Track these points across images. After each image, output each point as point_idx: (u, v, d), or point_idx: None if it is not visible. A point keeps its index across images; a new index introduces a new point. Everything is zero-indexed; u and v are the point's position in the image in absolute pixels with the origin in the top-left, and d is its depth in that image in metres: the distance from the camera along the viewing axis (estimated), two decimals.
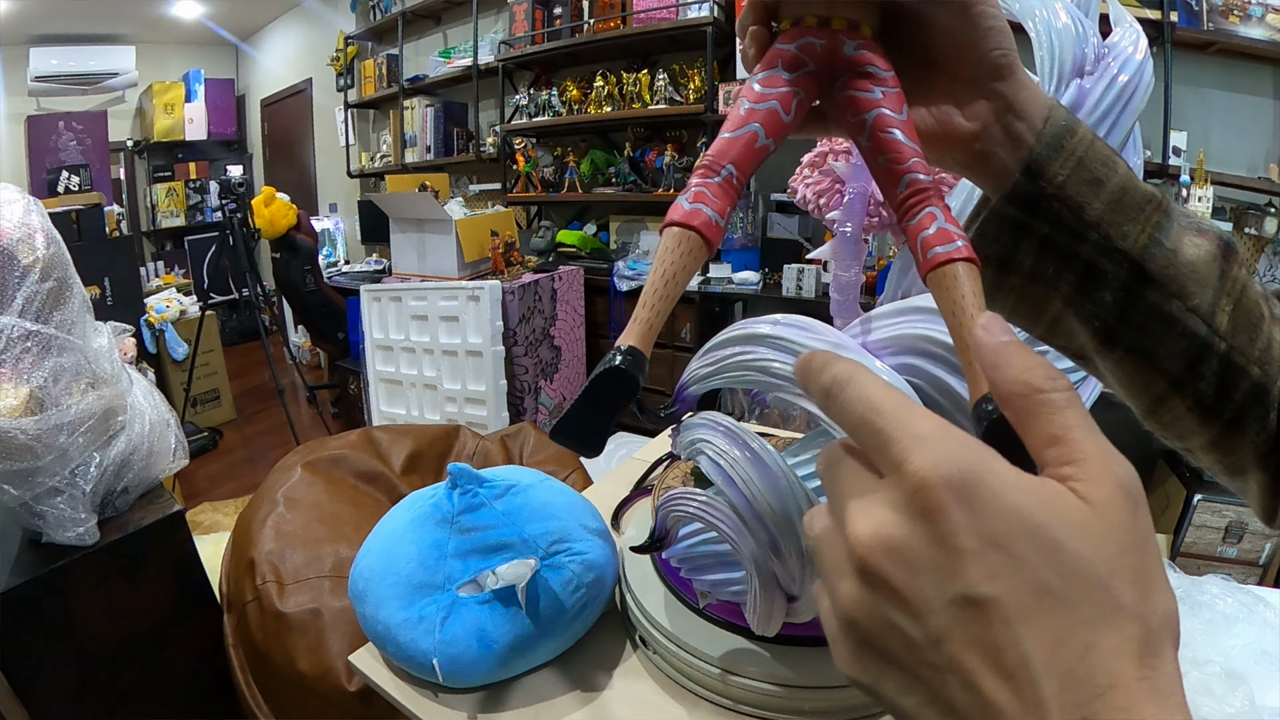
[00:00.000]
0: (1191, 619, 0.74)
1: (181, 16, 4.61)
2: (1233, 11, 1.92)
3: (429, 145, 3.75)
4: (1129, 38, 0.41)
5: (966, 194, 0.45)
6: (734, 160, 0.27)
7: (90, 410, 0.94)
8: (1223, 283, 0.31)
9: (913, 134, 0.28)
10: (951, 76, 0.29)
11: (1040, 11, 0.42)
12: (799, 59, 0.28)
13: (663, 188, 2.76)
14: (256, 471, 2.87)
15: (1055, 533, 0.16)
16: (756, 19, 0.30)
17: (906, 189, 0.27)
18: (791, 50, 0.28)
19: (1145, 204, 0.29)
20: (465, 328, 2.31)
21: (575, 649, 0.65)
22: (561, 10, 2.98)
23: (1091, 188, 0.28)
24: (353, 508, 1.23)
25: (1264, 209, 1.97)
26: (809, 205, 0.49)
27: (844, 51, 0.28)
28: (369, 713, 0.95)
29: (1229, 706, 0.62)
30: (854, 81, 0.28)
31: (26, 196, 0.98)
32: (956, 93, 0.29)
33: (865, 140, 0.28)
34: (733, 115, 0.28)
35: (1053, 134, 0.28)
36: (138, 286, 3.15)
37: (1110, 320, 0.29)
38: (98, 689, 1.04)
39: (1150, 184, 0.31)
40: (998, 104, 0.29)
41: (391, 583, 0.67)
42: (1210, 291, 0.30)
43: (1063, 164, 0.28)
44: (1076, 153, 0.28)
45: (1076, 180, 0.28)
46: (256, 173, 5.53)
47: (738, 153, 0.28)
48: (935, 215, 0.26)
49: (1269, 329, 0.31)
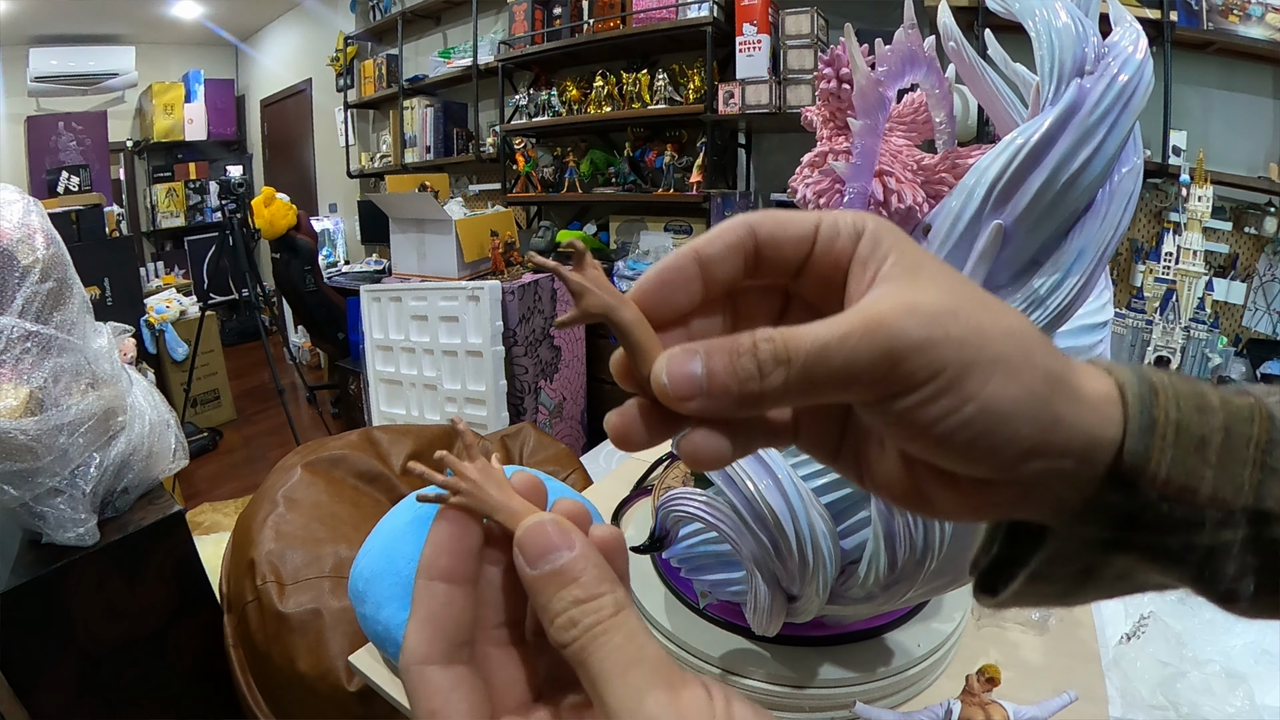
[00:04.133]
0: (1191, 619, 0.74)
1: (181, 17, 4.61)
2: (1233, 11, 1.92)
3: (429, 145, 3.75)
4: (1129, 37, 0.41)
5: (966, 194, 0.45)
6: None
7: (90, 411, 0.94)
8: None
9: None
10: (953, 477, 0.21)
11: (1040, 11, 0.42)
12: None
13: (662, 188, 2.75)
14: (256, 472, 2.86)
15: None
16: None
17: None
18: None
19: (1248, 424, 0.20)
20: (465, 328, 2.31)
21: None
22: (561, 10, 2.98)
23: (1199, 454, 0.20)
24: (353, 508, 1.23)
25: (1264, 208, 1.97)
26: (809, 205, 0.49)
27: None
28: (369, 713, 0.95)
29: (1229, 706, 0.62)
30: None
31: (26, 197, 0.98)
32: (967, 485, 0.21)
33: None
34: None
35: (1139, 417, 0.20)
36: (138, 287, 3.15)
37: (1230, 584, 0.21)
38: (98, 689, 1.04)
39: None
40: (1023, 484, 0.20)
41: (391, 583, 0.67)
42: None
43: (1161, 448, 0.20)
44: (1171, 416, 0.20)
45: (1181, 458, 0.20)
46: (256, 173, 5.52)
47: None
48: None
49: None
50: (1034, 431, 0.18)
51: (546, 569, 0.18)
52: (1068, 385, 0.19)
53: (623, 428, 0.20)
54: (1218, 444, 0.20)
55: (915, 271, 0.19)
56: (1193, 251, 1.87)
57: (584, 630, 0.17)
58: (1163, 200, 2.10)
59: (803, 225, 0.20)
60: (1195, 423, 0.20)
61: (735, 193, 2.67)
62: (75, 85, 4.63)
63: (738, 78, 2.44)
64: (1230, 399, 0.21)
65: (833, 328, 0.18)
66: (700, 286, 0.20)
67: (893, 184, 0.46)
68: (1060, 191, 0.42)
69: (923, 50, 0.47)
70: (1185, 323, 1.83)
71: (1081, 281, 0.45)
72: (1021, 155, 0.42)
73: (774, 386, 0.18)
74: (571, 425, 2.75)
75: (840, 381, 0.18)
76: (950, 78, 0.52)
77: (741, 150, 2.82)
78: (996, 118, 0.53)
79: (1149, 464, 0.19)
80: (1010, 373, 0.18)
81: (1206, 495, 0.20)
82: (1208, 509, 0.20)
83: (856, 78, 0.43)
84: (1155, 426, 0.20)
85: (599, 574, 0.19)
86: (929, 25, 0.53)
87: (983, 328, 0.18)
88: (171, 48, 5.06)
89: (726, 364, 0.18)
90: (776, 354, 0.18)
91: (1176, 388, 0.21)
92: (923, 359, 0.18)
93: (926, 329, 0.18)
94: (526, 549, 0.19)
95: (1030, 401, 0.18)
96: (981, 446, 0.18)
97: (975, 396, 0.18)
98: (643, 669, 0.17)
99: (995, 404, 0.18)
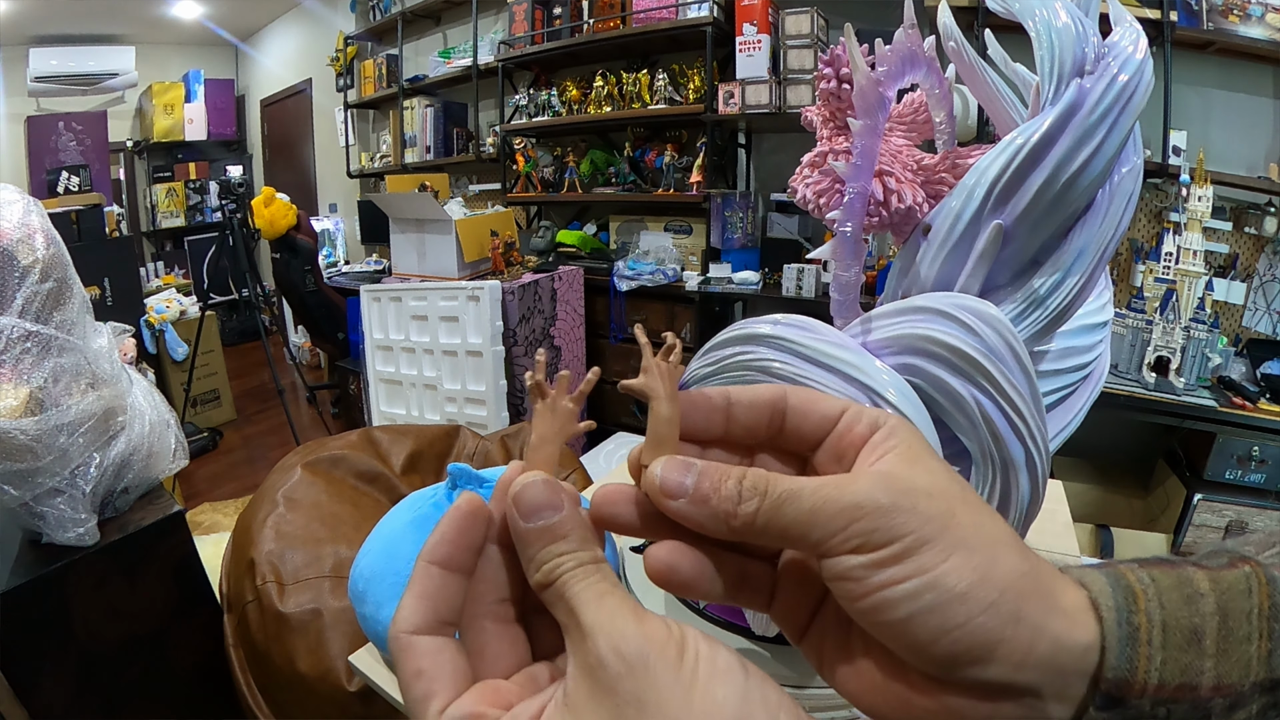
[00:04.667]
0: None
1: (181, 17, 4.61)
2: (1233, 11, 1.92)
3: (429, 145, 3.75)
4: (1129, 37, 0.41)
5: (966, 194, 0.45)
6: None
7: (90, 411, 0.94)
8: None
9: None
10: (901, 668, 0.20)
11: (1040, 11, 0.42)
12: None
13: (662, 187, 2.75)
14: (256, 472, 2.86)
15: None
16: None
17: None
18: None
19: (1246, 597, 0.19)
20: (465, 328, 2.31)
21: None
22: (561, 10, 2.98)
23: (1194, 648, 0.19)
24: (353, 508, 1.23)
25: (1264, 208, 1.97)
26: (809, 205, 0.49)
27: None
28: (369, 713, 0.95)
29: None
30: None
31: (26, 197, 0.98)
32: (917, 687, 0.20)
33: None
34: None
35: (1118, 629, 0.19)
36: (138, 287, 3.15)
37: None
38: (98, 689, 1.04)
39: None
40: (983, 690, 0.19)
41: (392, 583, 0.67)
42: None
43: (1149, 653, 0.19)
44: (1154, 618, 0.19)
45: (1175, 657, 0.19)
46: (256, 173, 5.53)
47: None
48: None
49: None
50: (990, 623, 0.18)
51: (539, 524, 0.20)
52: (1039, 588, 0.19)
53: (608, 501, 0.22)
54: (1213, 630, 0.19)
55: (913, 461, 0.20)
56: (1193, 251, 1.87)
57: (565, 572, 0.19)
58: (1163, 200, 2.10)
59: (830, 406, 0.22)
60: (1184, 616, 0.19)
61: (735, 193, 2.68)
62: (75, 85, 4.63)
63: (738, 78, 2.44)
64: (1220, 575, 0.20)
65: (813, 479, 0.20)
66: (722, 421, 0.23)
67: (893, 184, 0.46)
68: (1060, 191, 0.42)
69: (923, 50, 0.47)
70: (1185, 323, 1.83)
71: (1081, 281, 0.45)
72: (1021, 155, 0.42)
73: (746, 513, 0.20)
74: None
75: (804, 525, 0.19)
76: (950, 78, 0.52)
77: (741, 150, 2.82)
78: (996, 118, 0.53)
79: (1135, 675, 0.18)
80: (969, 556, 0.18)
81: (1209, 687, 0.19)
82: (1212, 700, 0.19)
83: (856, 78, 0.43)
84: (1138, 633, 0.19)
85: (583, 535, 0.20)
86: (929, 25, 0.53)
87: (954, 513, 0.19)
88: (171, 48, 5.06)
89: (713, 481, 0.20)
90: (756, 485, 0.20)
91: (1158, 582, 0.20)
92: (884, 521, 0.18)
93: (894, 497, 0.19)
94: (521, 504, 0.20)
95: (986, 589, 0.18)
96: (928, 625, 0.18)
97: (928, 570, 0.18)
98: (615, 598, 0.18)
99: (947, 580, 0.18)
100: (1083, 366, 0.53)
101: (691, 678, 0.17)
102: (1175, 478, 1.93)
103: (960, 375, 0.43)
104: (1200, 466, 1.82)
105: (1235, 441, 1.77)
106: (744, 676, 0.17)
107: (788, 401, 0.23)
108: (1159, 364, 1.84)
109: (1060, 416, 0.52)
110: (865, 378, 0.44)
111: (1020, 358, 0.43)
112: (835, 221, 0.47)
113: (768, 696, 0.17)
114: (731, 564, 0.22)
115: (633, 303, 2.72)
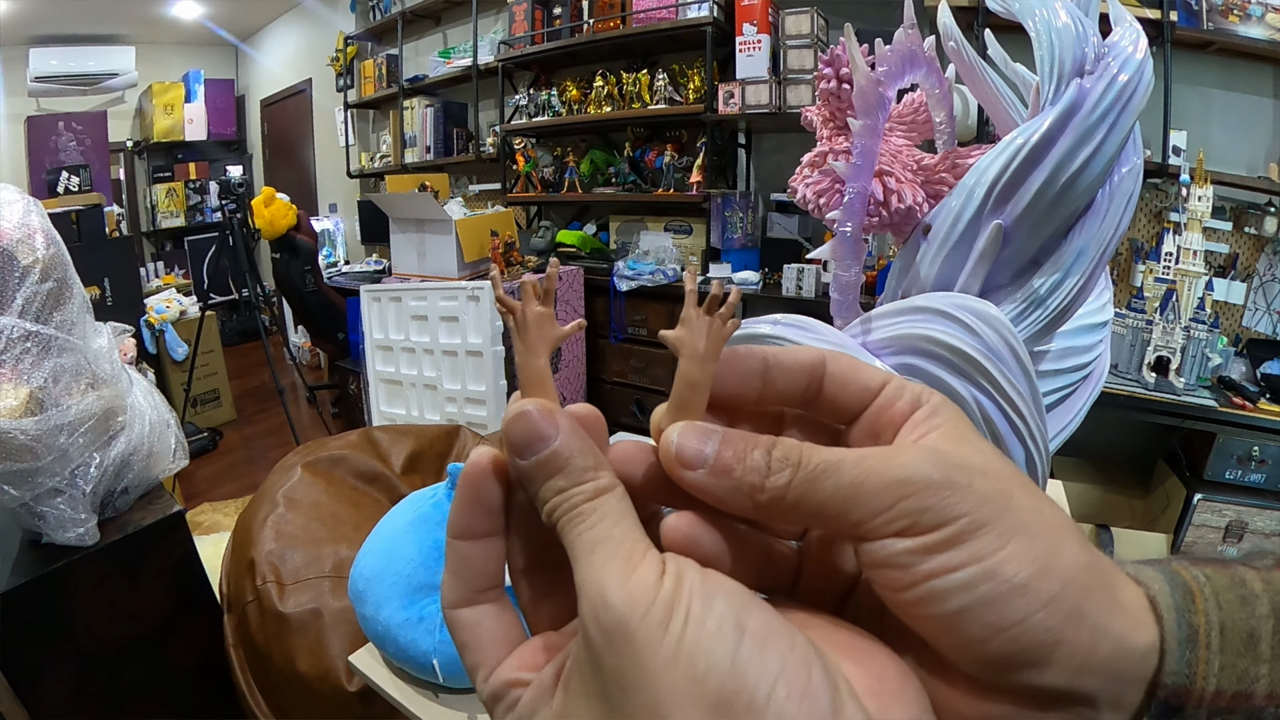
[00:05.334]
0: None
1: (181, 17, 4.61)
2: (1233, 11, 1.92)
3: (429, 145, 3.75)
4: (1129, 37, 0.41)
5: (966, 194, 0.45)
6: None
7: (90, 411, 0.94)
8: None
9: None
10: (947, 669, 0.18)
11: (1040, 11, 0.42)
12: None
13: (662, 188, 2.75)
14: (256, 472, 2.86)
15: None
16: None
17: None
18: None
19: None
20: (465, 328, 2.31)
21: None
22: (561, 10, 2.98)
23: (1250, 653, 0.17)
24: (353, 508, 1.23)
25: (1264, 208, 1.97)
26: (809, 205, 0.49)
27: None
28: (369, 713, 0.95)
29: None
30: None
31: (26, 197, 0.98)
32: (960, 691, 0.18)
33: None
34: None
35: (1177, 631, 0.17)
36: (138, 287, 3.15)
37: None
38: (98, 689, 1.04)
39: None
40: (1035, 697, 0.17)
41: (392, 583, 0.67)
42: None
43: (1208, 657, 0.17)
44: (1213, 619, 0.18)
45: (1232, 662, 0.17)
46: (256, 173, 5.53)
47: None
48: None
49: None
50: (1051, 620, 0.16)
51: (534, 459, 0.18)
52: (1103, 583, 0.17)
53: (624, 458, 0.20)
54: (1269, 634, 0.17)
55: (960, 440, 0.18)
56: (1193, 251, 1.87)
57: (562, 514, 0.18)
58: (1163, 200, 2.10)
59: (872, 376, 0.20)
60: (1240, 618, 0.17)
61: (735, 193, 2.67)
62: (75, 85, 4.63)
63: (738, 78, 2.44)
64: (1273, 577, 0.18)
65: (854, 450, 0.18)
66: (758, 385, 0.21)
67: (893, 184, 0.46)
68: (1060, 191, 0.42)
69: (923, 50, 0.47)
70: (1185, 323, 1.83)
71: (1081, 281, 0.45)
72: (1021, 155, 0.42)
73: (776, 486, 0.17)
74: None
75: (843, 501, 0.17)
76: (950, 78, 0.52)
77: (741, 150, 2.82)
78: (996, 118, 0.53)
79: (1194, 681, 0.17)
80: (1030, 544, 0.16)
81: (1264, 694, 0.17)
82: (1266, 709, 0.17)
83: (856, 78, 0.43)
84: (1197, 635, 0.17)
85: (582, 461, 0.18)
86: (929, 25, 0.53)
87: (1011, 494, 0.17)
88: (171, 48, 5.06)
89: (738, 450, 0.18)
90: (789, 456, 0.17)
91: (1213, 581, 0.18)
92: (935, 499, 0.16)
93: (948, 472, 0.17)
94: (514, 440, 0.18)
95: (1048, 581, 0.16)
96: (983, 621, 0.16)
97: (985, 557, 0.16)
98: (606, 548, 0.16)
99: (1006, 570, 0.16)
100: (1083, 366, 0.53)
101: (676, 646, 0.15)
102: (1175, 478, 1.93)
103: (960, 375, 0.43)
104: (1200, 466, 1.82)
105: (1235, 441, 1.77)
106: (736, 638, 0.15)
107: (826, 368, 0.20)
108: (1159, 364, 1.84)
109: (1060, 416, 0.52)
110: None
111: (1020, 358, 0.43)
112: (835, 221, 0.47)
113: (765, 664, 0.15)
114: (755, 544, 0.20)
115: (633, 303, 2.72)
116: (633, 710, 0.15)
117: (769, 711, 0.14)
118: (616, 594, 0.15)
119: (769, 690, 0.14)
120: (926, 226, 0.47)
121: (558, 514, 0.18)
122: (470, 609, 0.19)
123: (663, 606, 0.15)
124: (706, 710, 0.14)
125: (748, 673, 0.14)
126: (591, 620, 0.16)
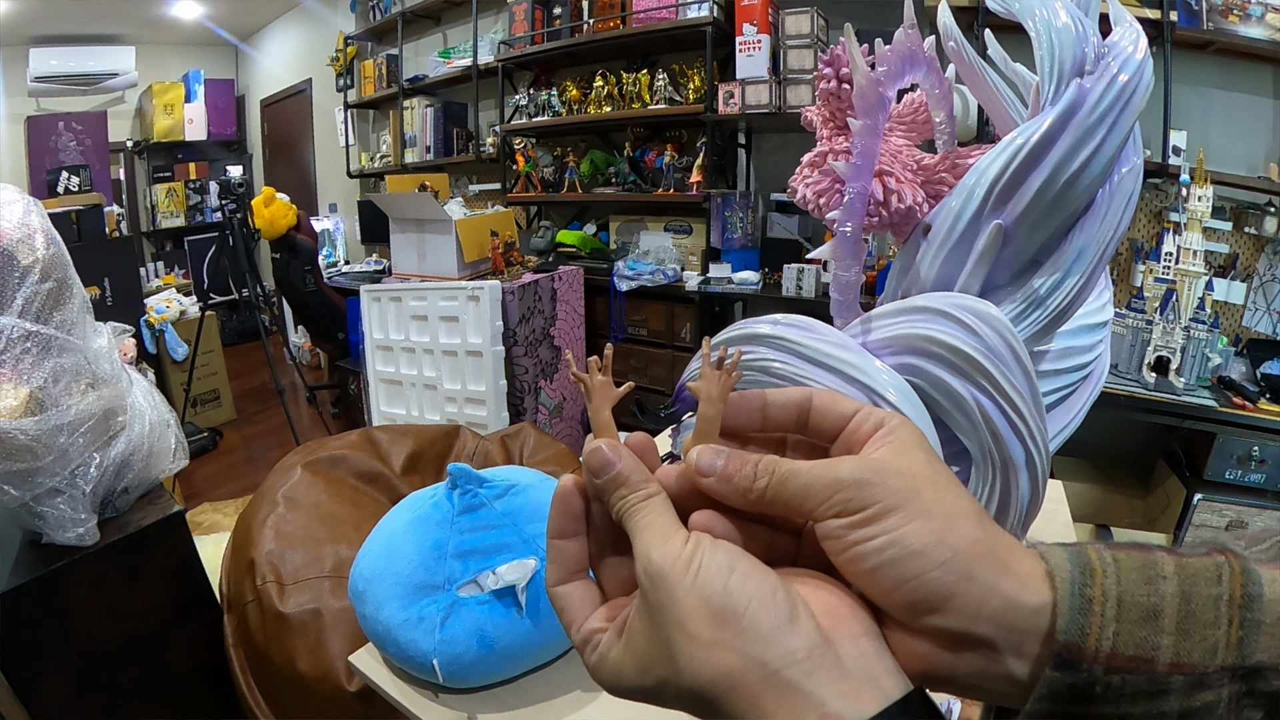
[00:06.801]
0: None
1: (181, 17, 4.61)
2: (1232, 11, 1.92)
3: (429, 145, 3.75)
4: (1129, 37, 0.41)
5: (966, 194, 0.45)
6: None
7: (90, 411, 0.94)
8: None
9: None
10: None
11: (1040, 11, 0.42)
12: None
13: (662, 188, 2.75)
14: (256, 472, 2.87)
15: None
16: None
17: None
18: None
19: (1214, 584, 0.21)
20: (465, 328, 2.31)
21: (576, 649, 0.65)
22: (561, 10, 2.98)
23: (1150, 624, 0.21)
24: (353, 508, 1.23)
25: (1264, 208, 1.97)
26: (809, 205, 0.49)
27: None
28: (369, 713, 0.95)
29: None
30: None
31: (26, 197, 0.98)
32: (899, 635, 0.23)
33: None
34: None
35: (1070, 598, 0.21)
36: (138, 287, 3.15)
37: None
38: (98, 689, 1.04)
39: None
40: (945, 638, 0.22)
41: (392, 583, 0.67)
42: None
43: (1101, 623, 0.21)
44: (1110, 592, 0.21)
45: (1130, 630, 0.21)
46: (256, 173, 5.53)
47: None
48: None
49: None
50: (943, 577, 0.22)
51: (606, 478, 0.26)
52: (993, 554, 0.22)
53: (661, 474, 0.27)
54: (1173, 611, 0.21)
55: (900, 451, 0.25)
56: (1193, 251, 1.87)
57: (625, 510, 0.26)
58: (1163, 200, 2.10)
59: (846, 406, 0.27)
60: (1141, 594, 0.21)
61: (735, 193, 2.68)
62: (75, 85, 4.63)
63: (738, 78, 2.44)
64: (1188, 562, 0.22)
65: (809, 461, 0.25)
66: (759, 418, 0.29)
67: (893, 184, 0.46)
68: (1060, 191, 0.42)
69: (923, 50, 0.47)
70: (1185, 323, 1.83)
71: (1081, 281, 0.45)
72: (1021, 155, 0.42)
73: (759, 488, 0.25)
74: (571, 425, 2.75)
75: (801, 496, 0.24)
76: (950, 78, 0.52)
77: (741, 150, 2.82)
78: (996, 118, 0.53)
79: (1087, 641, 0.21)
80: (928, 522, 0.22)
81: (1167, 662, 0.21)
82: (1171, 676, 0.21)
83: (856, 78, 0.43)
84: (1091, 605, 0.21)
85: (637, 477, 0.26)
86: (929, 25, 0.53)
87: (919, 489, 0.23)
88: (171, 48, 5.06)
89: (736, 464, 0.26)
90: (767, 467, 0.25)
91: (1120, 563, 0.22)
92: (859, 492, 0.23)
93: (870, 474, 0.23)
94: (591, 466, 0.27)
95: (940, 549, 0.22)
96: (891, 575, 0.22)
97: (891, 530, 0.22)
98: (652, 529, 0.25)
99: (906, 539, 0.22)
100: (1083, 366, 0.53)
101: (693, 581, 0.22)
102: (1175, 478, 1.93)
103: (960, 375, 0.43)
104: (1200, 466, 1.82)
105: (1235, 441, 1.77)
106: (728, 574, 0.22)
107: (813, 402, 0.28)
108: (1159, 364, 1.84)
109: (1060, 416, 0.52)
110: (865, 378, 0.44)
111: (1020, 358, 0.43)
112: (835, 221, 0.47)
113: (745, 588, 0.22)
114: (761, 535, 0.27)
115: (633, 303, 2.72)
116: (667, 624, 0.22)
117: (745, 616, 0.21)
118: (657, 553, 0.24)
119: (746, 604, 0.22)
120: (926, 226, 0.47)
121: (622, 511, 0.26)
122: (566, 585, 0.27)
123: (685, 559, 0.23)
124: (709, 618, 0.22)
125: (733, 593, 0.22)
126: (642, 571, 0.24)
